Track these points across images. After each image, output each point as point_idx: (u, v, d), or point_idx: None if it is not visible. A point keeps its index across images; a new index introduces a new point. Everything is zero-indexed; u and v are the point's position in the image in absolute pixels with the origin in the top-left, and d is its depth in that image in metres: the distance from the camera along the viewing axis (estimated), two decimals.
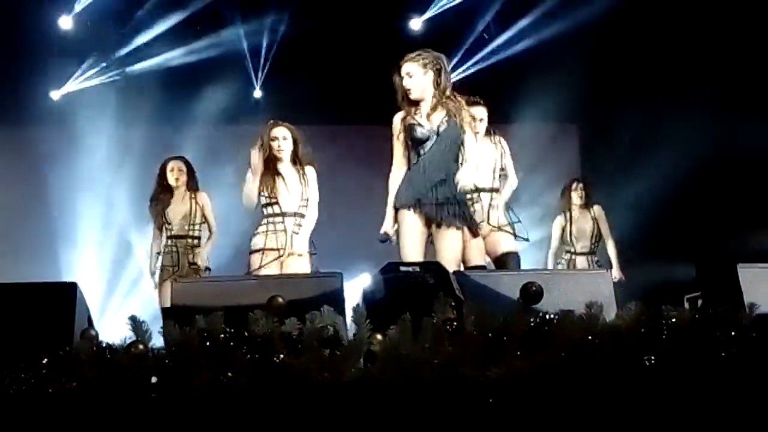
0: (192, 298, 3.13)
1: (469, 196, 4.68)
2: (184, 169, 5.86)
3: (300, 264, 5.04)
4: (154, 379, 2.41)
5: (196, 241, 5.80)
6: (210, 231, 5.90)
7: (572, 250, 6.67)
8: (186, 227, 5.78)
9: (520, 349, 2.42)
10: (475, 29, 7.97)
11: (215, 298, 3.06)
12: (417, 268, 3.23)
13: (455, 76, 8.22)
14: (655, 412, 2.35)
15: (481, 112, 5.17)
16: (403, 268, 3.26)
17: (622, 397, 2.37)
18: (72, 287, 3.18)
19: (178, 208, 5.80)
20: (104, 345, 2.48)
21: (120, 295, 7.90)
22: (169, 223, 5.77)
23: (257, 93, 8.46)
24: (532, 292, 2.59)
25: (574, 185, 6.87)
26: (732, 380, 2.37)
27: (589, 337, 2.44)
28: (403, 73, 4.22)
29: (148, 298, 6.23)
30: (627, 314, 2.55)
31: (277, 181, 5.03)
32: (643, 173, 7.89)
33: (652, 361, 2.39)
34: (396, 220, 4.18)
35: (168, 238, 5.76)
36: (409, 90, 4.21)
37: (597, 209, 6.83)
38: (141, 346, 2.45)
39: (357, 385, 2.35)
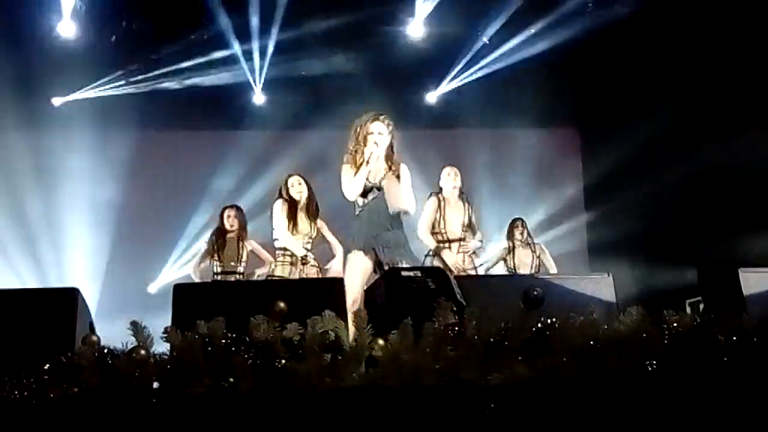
0: (194, 302, 3.13)
1: (441, 246, 5.92)
2: (239, 215, 6.68)
3: None
4: (155, 385, 2.41)
5: (240, 276, 6.57)
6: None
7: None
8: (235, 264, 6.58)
9: (521, 355, 2.42)
10: (477, 35, 7.97)
11: (217, 303, 3.07)
12: (419, 273, 3.23)
13: (458, 82, 8.33)
14: (657, 417, 2.35)
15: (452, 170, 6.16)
16: (404, 273, 3.26)
17: (624, 402, 2.37)
18: (73, 292, 3.19)
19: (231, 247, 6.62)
20: (106, 350, 2.48)
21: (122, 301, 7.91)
22: (221, 260, 6.56)
23: None
24: (533, 297, 2.59)
25: (517, 223, 7.06)
26: (734, 385, 2.36)
27: (591, 342, 2.44)
28: (374, 130, 4.61)
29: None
30: (628, 319, 2.54)
31: (294, 223, 5.90)
32: (645, 177, 7.90)
33: (654, 366, 2.38)
34: (346, 259, 4.62)
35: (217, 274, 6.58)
36: (375, 145, 4.58)
37: (539, 248, 7.13)
38: (143, 352, 2.45)
39: (358, 391, 2.35)
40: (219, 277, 6.47)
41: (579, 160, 9.29)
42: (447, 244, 5.99)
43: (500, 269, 7.19)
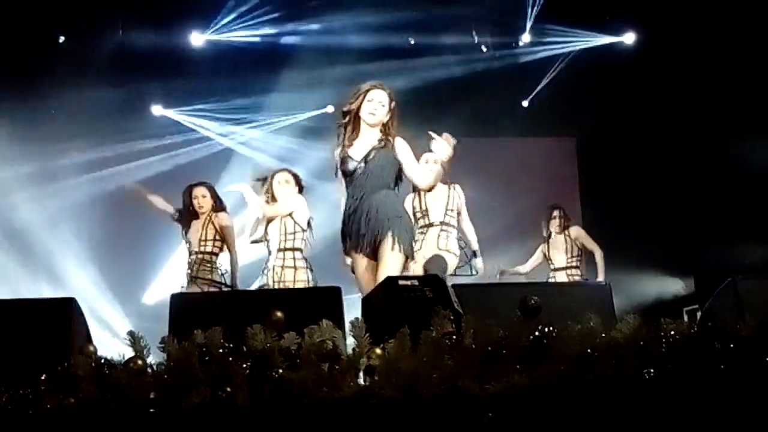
0: (191, 312, 3.13)
1: (419, 230, 5.48)
2: (207, 194, 6.16)
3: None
4: (152, 395, 2.40)
5: (207, 256, 6.05)
6: (229, 251, 6.14)
7: (552, 266, 7.11)
8: (198, 244, 6.09)
9: (519, 363, 2.42)
10: (472, 41, 8.00)
11: (214, 313, 3.06)
12: (416, 282, 3.22)
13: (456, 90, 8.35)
14: (655, 425, 2.35)
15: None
16: (401, 282, 3.26)
17: (621, 410, 2.37)
18: (70, 303, 3.19)
19: (195, 228, 6.16)
20: (102, 361, 2.48)
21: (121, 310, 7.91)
22: (188, 242, 6.16)
23: None
24: (530, 306, 2.59)
25: (554, 213, 7.12)
26: (731, 393, 2.36)
27: (588, 351, 2.44)
28: (373, 98, 4.18)
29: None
30: (626, 327, 2.54)
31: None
32: (642, 186, 7.91)
33: (651, 374, 2.38)
34: None
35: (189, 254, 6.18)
36: (372, 115, 4.18)
37: (574, 231, 7.17)
38: (140, 362, 2.44)
39: (356, 400, 2.35)
40: (189, 258, 6.06)
41: (576, 169, 9.30)
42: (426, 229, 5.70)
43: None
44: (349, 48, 7.62)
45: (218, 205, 6.16)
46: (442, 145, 4.28)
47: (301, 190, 5.74)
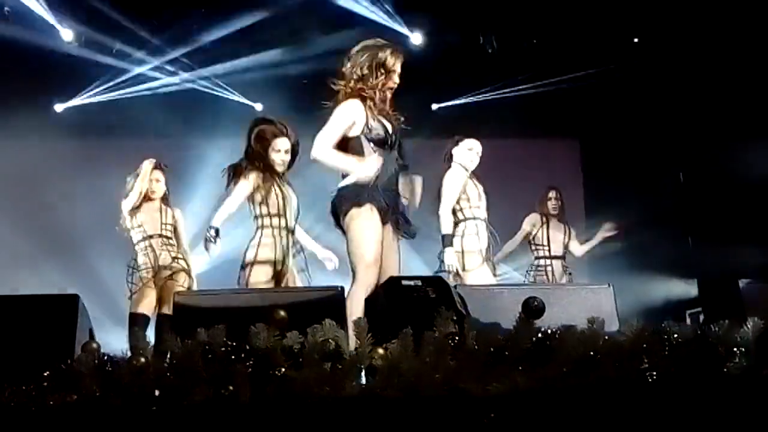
0: (193, 311, 3.13)
1: (473, 226, 5.48)
2: (162, 180, 5.63)
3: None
4: (155, 393, 2.41)
5: (168, 241, 5.59)
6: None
7: (547, 254, 6.66)
8: (160, 227, 5.59)
9: (521, 365, 2.42)
10: (477, 43, 8.00)
11: (217, 311, 3.07)
12: (419, 283, 3.23)
13: (461, 93, 8.36)
14: (657, 428, 2.35)
15: (477, 146, 5.79)
16: (405, 283, 3.26)
17: (624, 412, 2.37)
18: (74, 299, 3.19)
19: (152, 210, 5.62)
20: (105, 357, 2.48)
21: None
22: (140, 225, 5.58)
23: None
24: (533, 308, 2.59)
25: (550, 195, 6.83)
26: (734, 396, 2.36)
27: (591, 353, 2.44)
28: (397, 68, 3.89)
29: None
30: (629, 330, 2.54)
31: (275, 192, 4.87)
32: (646, 188, 7.90)
33: (654, 377, 2.38)
34: (349, 213, 3.80)
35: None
36: (392, 89, 3.91)
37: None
38: (142, 359, 2.45)
39: (358, 400, 2.35)
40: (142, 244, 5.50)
41: (579, 170, 9.29)
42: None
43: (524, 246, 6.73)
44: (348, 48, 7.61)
45: (167, 195, 5.67)
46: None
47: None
